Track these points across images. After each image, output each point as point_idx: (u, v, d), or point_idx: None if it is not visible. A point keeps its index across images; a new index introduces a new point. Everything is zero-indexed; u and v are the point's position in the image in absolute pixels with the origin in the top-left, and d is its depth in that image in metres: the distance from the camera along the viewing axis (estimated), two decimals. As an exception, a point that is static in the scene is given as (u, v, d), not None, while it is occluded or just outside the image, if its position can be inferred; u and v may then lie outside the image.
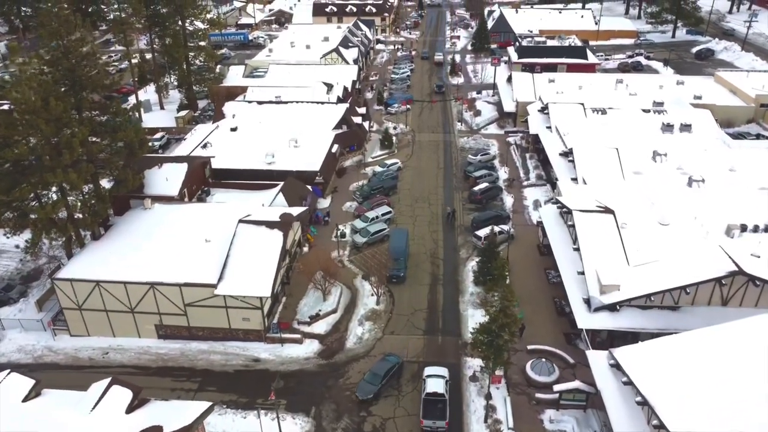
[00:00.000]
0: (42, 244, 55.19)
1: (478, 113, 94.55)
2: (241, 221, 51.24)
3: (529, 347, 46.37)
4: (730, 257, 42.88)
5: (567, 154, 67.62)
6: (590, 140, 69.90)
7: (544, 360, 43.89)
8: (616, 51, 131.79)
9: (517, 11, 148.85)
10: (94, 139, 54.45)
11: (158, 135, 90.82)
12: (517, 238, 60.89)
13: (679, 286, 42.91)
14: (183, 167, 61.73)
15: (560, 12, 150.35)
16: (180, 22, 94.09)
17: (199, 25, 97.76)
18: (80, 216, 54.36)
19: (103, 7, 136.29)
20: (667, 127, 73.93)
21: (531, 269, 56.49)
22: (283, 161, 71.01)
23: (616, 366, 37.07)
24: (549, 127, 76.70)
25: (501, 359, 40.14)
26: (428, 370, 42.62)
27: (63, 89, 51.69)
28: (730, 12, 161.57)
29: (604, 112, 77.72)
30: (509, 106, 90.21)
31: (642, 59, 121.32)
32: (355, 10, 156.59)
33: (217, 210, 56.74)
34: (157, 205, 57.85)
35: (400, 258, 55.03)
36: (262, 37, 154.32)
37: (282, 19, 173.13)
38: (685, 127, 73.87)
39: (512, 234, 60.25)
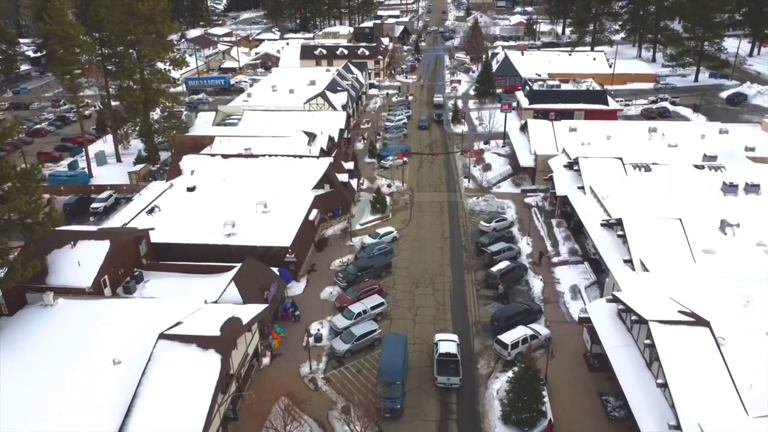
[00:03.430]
0: None
1: (488, 167, 79.76)
2: (162, 336, 35.16)
3: None
4: None
5: (612, 225, 52.33)
6: (638, 206, 54.83)
7: None
8: (634, 96, 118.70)
9: (522, 53, 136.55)
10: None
11: (104, 194, 75.57)
12: (552, 341, 44.81)
13: (844, 462, 26.82)
14: (103, 246, 45.86)
15: (570, 54, 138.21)
16: (137, 61, 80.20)
17: (160, 65, 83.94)
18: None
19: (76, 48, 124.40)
20: (730, 188, 58.89)
21: (578, 394, 40.16)
22: (245, 233, 55.48)
23: None
24: (581, 188, 61.69)
25: None
26: (439, 336, 44.06)
27: None
28: (750, 55, 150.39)
29: (648, 168, 62.84)
30: (526, 160, 75.41)
31: (668, 105, 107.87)
32: (346, 52, 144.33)
33: (141, 310, 40.77)
34: (62, 300, 42.20)
35: (396, 382, 38.68)
36: (245, 82, 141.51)
37: (268, 62, 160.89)
38: (752, 188, 58.84)
39: (550, 339, 44.22)
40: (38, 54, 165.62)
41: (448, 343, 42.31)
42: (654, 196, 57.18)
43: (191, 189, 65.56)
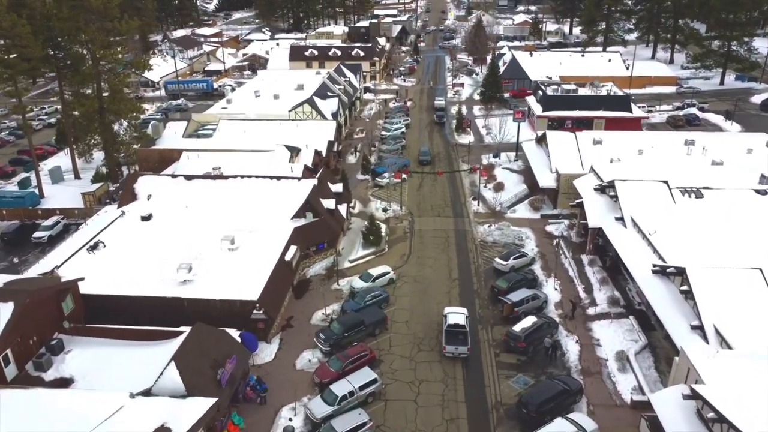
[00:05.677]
0: None
1: (500, 187, 68.63)
2: (46, 474, 23.92)
3: None
4: None
5: (668, 272, 41.21)
6: (696, 245, 43.83)
7: None
8: (657, 101, 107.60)
9: (531, 54, 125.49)
10: None
11: (51, 220, 64.33)
12: (600, 435, 33.67)
13: None
14: (5, 310, 34.55)
15: (582, 55, 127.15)
16: (92, 63, 68.87)
17: (121, 68, 72.60)
18: None
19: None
20: (802, 220, 47.88)
21: None
22: (204, 279, 44.33)
23: None
24: (619, 219, 50.55)
25: None
26: (448, 309, 44.52)
27: None
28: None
29: (699, 194, 51.71)
30: (546, 180, 64.19)
31: (696, 111, 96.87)
32: (339, 53, 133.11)
33: (38, 412, 29.52)
34: (-60, 390, 30.90)
35: None
36: (230, 85, 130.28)
37: (256, 64, 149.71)
38: (830, 219, 47.87)
39: (599, 439, 33.08)
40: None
41: (456, 315, 43.03)
42: (712, 232, 46.13)
43: (146, 218, 54.44)
